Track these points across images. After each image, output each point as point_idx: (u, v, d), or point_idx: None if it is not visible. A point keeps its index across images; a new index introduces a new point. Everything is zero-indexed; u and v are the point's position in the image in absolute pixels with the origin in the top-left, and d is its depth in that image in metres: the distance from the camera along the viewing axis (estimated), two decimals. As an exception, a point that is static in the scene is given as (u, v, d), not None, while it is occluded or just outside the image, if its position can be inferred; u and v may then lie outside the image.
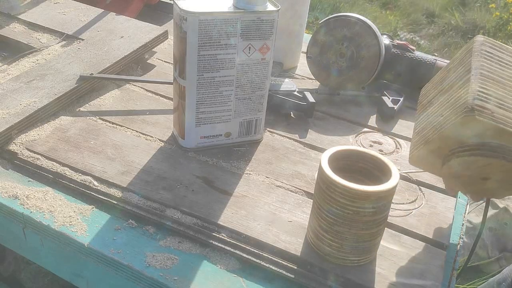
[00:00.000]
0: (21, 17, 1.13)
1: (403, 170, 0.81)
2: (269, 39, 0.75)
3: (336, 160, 0.62)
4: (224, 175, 0.76)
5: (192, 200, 0.70)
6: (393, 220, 0.71)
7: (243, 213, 0.69)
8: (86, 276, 0.68)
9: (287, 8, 1.01)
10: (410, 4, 3.76)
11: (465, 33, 3.37)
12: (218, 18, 0.70)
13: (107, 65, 0.95)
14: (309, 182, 0.77)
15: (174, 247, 0.65)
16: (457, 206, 0.77)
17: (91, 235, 0.65)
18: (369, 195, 0.56)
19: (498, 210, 1.56)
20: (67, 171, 0.74)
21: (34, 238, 0.69)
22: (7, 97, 0.84)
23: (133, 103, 0.92)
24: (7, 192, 0.70)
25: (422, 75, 1.01)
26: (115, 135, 0.83)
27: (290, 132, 0.89)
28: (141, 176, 0.74)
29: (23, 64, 0.98)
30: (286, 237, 0.66)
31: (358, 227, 0.58)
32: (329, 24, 0.98)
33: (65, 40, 1.07)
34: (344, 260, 0.62)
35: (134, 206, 0.69)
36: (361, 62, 0.98)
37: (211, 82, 0.75)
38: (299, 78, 1.10)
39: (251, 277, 0.62)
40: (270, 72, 0.79)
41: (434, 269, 0.64)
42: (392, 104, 0.96)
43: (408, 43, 1.05)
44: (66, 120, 0.85)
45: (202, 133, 0.80)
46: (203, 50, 0.72)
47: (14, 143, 0.78)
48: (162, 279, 0.60)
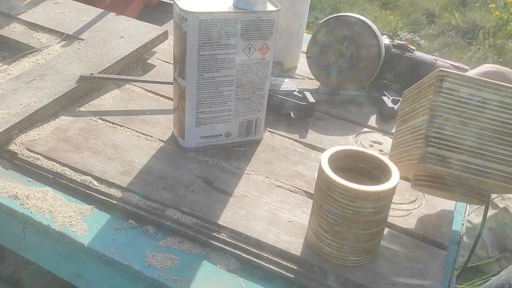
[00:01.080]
0: (21, 17, 1.13)
1: (403, 170, 0.81)
2: (269, 39, 0.75)
3: (336, 160, 0.62)
4: (224, 175, 0.76)
5: (192, 200, 0.70)
6: (393, 220, 0.71)
7: (243, 213, 0.69)
8: (86, 276, 0.68)
9: (287, 8, 1.01)
10: (410, 4, 3.77)
11: (465, 33, 3.37)
12: (218, 18, 0.70)
13: (107, 65, 0.95)
14: (309, 182, 0.77)
15: (174, 247, 0.65)
16: (457, 206, 0.77)
17: (91, 235, 0.65)
18: (369, 195, 0.56)
19: (498, 210, 1.56)
20: (67, 171, 0.74)
21: (34, 238, 0.69)
22: (7, 97, 0.84)
23: (133, 103, 0.92)
24: (7, 192, 0.70)
25: (422, 75, 1.00)
26: (115, 135, 0.83)
27: (290, 132, 0.89)
28: (141, 176, 0.74)
29: (23, 64, 0.98)
30: (286, 237, 0.66)
31: (358, 227, 0.58)
32: (329, 24, 0.98)
33: (65, 40, 1.07)
34: (344, 260, 0.62)
35: (134, 206, 0.69)
36: (361, 62, 0.98)
37: (211, 82, 0.75)
38: (299, 78, 1.10)
39: (251, 277, 0.63)
40: (270, 72, 0.79)
41: (434, 269, 0.64)
42: (392, 104, 0.96)
43: (408, 43, 1.05)
44: (66, 120, 0.85)
45: (202, 133, 0.80)
46: (203, 50, 0.72)
47: (14, 143, 0.78)
48: (162, 279, 0.60)
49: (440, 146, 0.61)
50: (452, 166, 0.61)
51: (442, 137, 0.61)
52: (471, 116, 0.60)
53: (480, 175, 0.61)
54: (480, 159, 0.60)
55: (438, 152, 0.61)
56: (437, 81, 0.61)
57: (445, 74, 0.60)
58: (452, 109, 0.60)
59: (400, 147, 0.69)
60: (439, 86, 0.60)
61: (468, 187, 0.63)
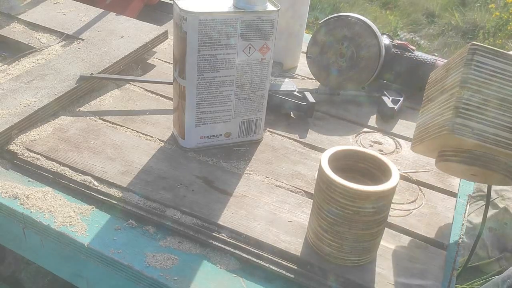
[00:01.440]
0: (21, 17, 1.13)
1: (403, 170, 0.81)
2: (269, 39, 0.75)
3: (336, 160, 0.62)
4: (224, 175, 0.76)
5: (192, 200, 0.70)
6: (393, 220, 0.71)
7: (243, 213, 0.69)
8: (86, 276, 0.68)
9: (287, 8, 1.01)
10: (410, 4, 3.77)
11: (465, 33, 3.37)
12: (218, 18, 0.70)
13: (107, 65, 0.95)
14: (309, 182, 0.77)
15: (174, 247, 0.65)
16: (457, 206, 0.77)
17: (91, 235, 0.65)
18: (369, 195, 0.56)
19: (498, 210, 1.56)
20: (67, 171, 0.74)
21: (34, 238, 0.69)
22: (7, 97, 0.84)
23: (133, 103, 0.92)
24: (7, 192, 0.70)
25: (422, 75, 1.01)
26: (115, 135, 0.83)
27: (290, 132, 0.89)
28: (141, 176, 0.74)
29: (23, 64, 0.98)
30: (286, 237, 0.66)
31: (358, 227, 0.58)
32: (329, 24, 0.98)
33: (65, 40, 1.07)
34: (344, 260, 0.62)
35: (134, 206, 0.69)
36: (361, 62, 0.98)
37: (211, 82, 0.75)
38: (299, 78, 1.10)
39: (251, 277, 0.63)
40: (270, 72, 0.79)
41: (434, 269, 0.64)
42: (392, 104, 0.96)
43: (408, 43, 1.05)
44: (66, 120, 0.85)
45: (202, 133, 0.80)
46: (203, 50, 0.72)
47: (14, 143, 0.78)
48: (162, 279, 0.60)
49: (470, 117, 0.60)
50: (481, 138, 0.59)
51: (472, 109, 0.60)
52: (501, 90, 0.60)
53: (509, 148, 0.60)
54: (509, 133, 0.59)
55: (467, 124, 0.60)
56: (469, 54, 0.61)
57: (477, 47, 0.60)
58: (483, 82, 0.60)
59: (426, 124, 0.68)
60: (471, 59, 0.60)
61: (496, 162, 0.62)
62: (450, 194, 0.77)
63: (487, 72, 0.60)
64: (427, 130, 0.67)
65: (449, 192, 0.78)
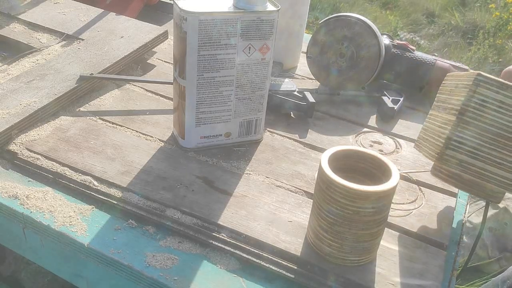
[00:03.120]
0: (21, 17, 1.13)
1: (403, 170, 0.81)
2: (269, 39, 0.75)
3: (336, 160, 0.62)
4: (224, 175, 0.76)
5: (192, 200, 0.70)
6: (393, 220, 0.71)
7: (243, 213, 0.69)
8: (86, 276, 0.68)
9: (287, 8, 1.01)
10: (410, 4, 3.77)
11: (465, 33, 3.37)
12: (218, 18, 0.70)
13: (107, 65, 0.95)
14: (309, 182, 0.77)
15: (174, 247, 0.65)
16: (457, 206, 0.77)
17: (91, 235, 0.65)
18: (369, 195, 0.56)
19: (498, 210, 1.56)
20: (67, 171, 0.74)
21: (34, 238, 0.69)
22: (7, 97, 0.84)
23: (133, 103, 0.92)
24: (7, 192, 0.70)
25: (422, 75, 1.01)
26: (115, 135, 0.83)
27: (290, 132, 0.89)
28: (141, 176, 0.74)
29: (23, 64, 0.98)
30: (286, 237, 0.66)
31: (358, 227, 0.58)
32: (329, 24, 0.98)
33: (65, 40, 1.07)
34: (344, 260, 0.62)
35: (134, 206, 0.69)
36: (361, 62, 0.98)
37: (211, 82, 0.75)
38: (299, 78, 1.10)
39: (251, 277, 0.63)
40: (270, 72, 0.79)
41: (434, 269, 0.64)
42: (392, 104, 0.96)
43: (408, 43, 1.05)
44: (66, 120, 0.85)
45: (202, 133, 0.80)
46: (203, 50, 0.72)
47: (14, 143, 0.78)
48: (162, 279, 0.60)
49: (461, 150, 0.62)
50: (466, 170, 0.62)
51: (464, 142, 0.61)
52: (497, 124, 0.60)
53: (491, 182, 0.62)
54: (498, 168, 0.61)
55: (455, 156, 0.62)
56: (473, 85, 0.61)
57: (482, 79, 0.60)
58: (480, 115, 0.61)
59: (426, 133, 0.71)
60: (474, 90, 0.61)
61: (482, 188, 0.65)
62: (450, 194, 0.77)
63: (487, 106, 0.61)
64: (426, 141, 0.69)
65: (449, 192, 0.78)
